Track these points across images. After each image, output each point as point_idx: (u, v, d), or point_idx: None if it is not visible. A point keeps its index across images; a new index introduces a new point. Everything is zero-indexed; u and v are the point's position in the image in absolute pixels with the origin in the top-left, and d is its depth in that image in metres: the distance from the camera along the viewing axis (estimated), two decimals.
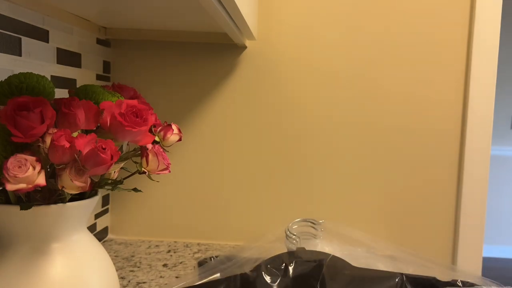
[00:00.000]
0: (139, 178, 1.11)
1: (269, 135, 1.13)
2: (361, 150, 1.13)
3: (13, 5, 0.74)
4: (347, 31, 1.11)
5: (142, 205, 1.17)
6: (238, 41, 1.07)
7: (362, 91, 1.11)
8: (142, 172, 0.58)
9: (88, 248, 0.56)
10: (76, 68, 0.96)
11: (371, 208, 1.12)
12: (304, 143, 1.13)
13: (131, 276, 0.93)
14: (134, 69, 1.14)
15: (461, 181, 1.11)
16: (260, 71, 1.12)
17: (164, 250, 1.09)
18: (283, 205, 1.14)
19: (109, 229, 1.18)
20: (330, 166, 1.13)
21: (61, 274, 0.51)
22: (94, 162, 0.49)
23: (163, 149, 0.60)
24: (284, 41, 1.12)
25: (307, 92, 1.12)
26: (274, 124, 1.13)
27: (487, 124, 1.10)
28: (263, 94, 1.13)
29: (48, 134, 0.49)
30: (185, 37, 1.10)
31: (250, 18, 0.92)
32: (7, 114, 0.48)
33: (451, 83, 1.11)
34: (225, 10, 0.75)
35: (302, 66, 1.12)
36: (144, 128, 0.55)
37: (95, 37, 1.06)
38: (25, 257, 0.51)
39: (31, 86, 0.54)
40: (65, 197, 0.52)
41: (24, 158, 0.47)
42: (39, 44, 0.82)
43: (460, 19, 1.09)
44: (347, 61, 1.11)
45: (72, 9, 0.90)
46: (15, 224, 0.51)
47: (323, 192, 1.13)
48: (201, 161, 1.15)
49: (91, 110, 0.54)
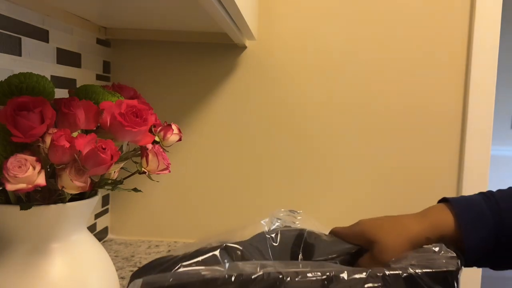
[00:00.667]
0: (139, 178, 1.11)
1: (269, 134, 1.13)
2: (361, 150, 1.12)
3: (13, 5, 0.74)
4: (347, 31, 1.11)
5: (142, 205, 1.17)
6: (238, 41, 1.07)
7: (362, 91, 1.11)
8: (142, 172, 0.58)
9: (88, 248, 0.56)
10: (76, 68, 0.96)
11: (371, 209, 1.12)
12: (304, 143, 1.13)
13: None
14: (134, 69, 1.14)
15: (461, 181, 1.11)
16: (260, 71, 1.12)
17: (164, 250, 1.09)
18: (283, 204, 1.14)
19: (109, 229, 1.18)
20: (331, 166, 1.13)
21: (61, 274, 0.51)
22: (94, 162, 0.48)
23: (163, 149, 0.60)
24: (284, 41, 1.12)
25: (306, 92, 1.12)
26: (274, 124, 1.13)
27: (487, 124, 1.10)
28: (263, 94, 1.13)
29: (48, 134, 0.49)
30: (185, 37, 1.10)
31: (250, 18, 0.92)
32: (7, 114, 0.48)
33: (451, 83, 1.11)
34: (225, 10, 0.75)
35: (302, 66, 1.12)
36: (144, 128, 0.55)
37: (95, 37, 1.06)
38: (25, 257, 0.51)
39: (31, 86, 0.54)
40: (65, 197, 0.52)
41: (24, 158, 0.47)
42: (39, 44, 0.82)
43: (460, 19, 1.09)
44: (347, 61, 1.11)
45: (72, 9, 0.90)
46: (15, 224, 0.51)
47: (324, 192, 1.13)
48: (201, 161, 1.15)
49: (91, 110, 0.54)
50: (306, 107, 1.12)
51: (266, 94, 1.13)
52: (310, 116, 1.12)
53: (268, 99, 1.13)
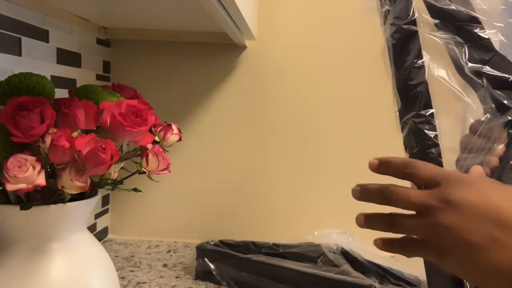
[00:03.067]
0: (139, 178, 1.11)
1: (269, 134, 1.13)
2: (361, 150, 1.12)
3: (13, 5, 0.74)
4: (347, 31, 1.11)
5: (142, 205, 1.17)
6: (238, 41, 1.07)
7: (362, 91, 1.11)
8: (142, 172, 0.58)
9: (88, 248, 0.56)
10: (76, 68, 0.96)
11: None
12: (304, 142, 1.13)
13: (131, 276, 0.93)
14: (134, 69, 1.14)
15: None
16: (260, 71, 1.12)
17: (164, 250, 1.09)
18: (283, 204, 1.14)
19: (109, 229, 1.18)
20: (333, 165, 1.13)
21: (61, 274, 0.51)
22: (94, 162, 0.49)
23: (163, 149, 0.60)
24: (284, 41, 1.12)
25: (306, 92, 1.12)
26: (274, 123, 1.13)
27: None
28: (263, 94, 1.13)
29: (48, 134, 0.49)
30: (185, 37, 1.10)
31: (250, 18, 0.92)
32: (7, 114, 0.48)
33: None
34: (225, 10, 0.75)
35: (302, 66, 1.12)
36: (144, 128, 0.55)
37: (95, 37, 1.06)
38: (25, 257, 0.51)
39: (31, 86, 0.54)
40: (65, 197, 0.52)
41: (24, 158, 0.47)
42: (39, 44, 0.82)
43: None
44: (347, 60, 1.11)
45: (72, 9, 0.90)
46: (15, 224, 0.51)
47: (325, 191, 1.13)
48: (201, 161, 1.15)
49: (91, 110, 0.54)
50: (306, 107, 1.12)
51: (266, 94, 1.13)
52: (310, 116, 1.12)
53: (268, 99, 1.13)
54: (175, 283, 0.90)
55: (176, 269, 0.97)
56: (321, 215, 1.13)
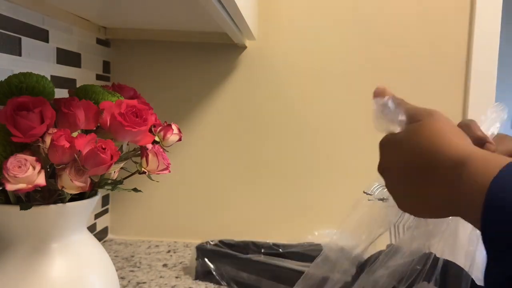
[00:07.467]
0: (139, 178, 1.11)
1: (269, 134, 1.13)
2: (361, 150, 1.12)
3: (13, 5, 0.74)
4: (347, 31, 1.11)
5: (142, 205, 1.17)
6: (238, 41, 1.07)
7: (362, 91, 1.11)
8: (142, 172, 0.58)
9: (88, 248, 0.56)
10: (76, 68, 0.96)
11: None
12: (303, 142, 1.13)
13: (131, 276, 0.93)
14: (134, 69, 1.14)
15: None
16: (260, 71, 1.12)
17: (164, 250, 1.09)
18: (283, 204, 1.14)
19: (109, 229, 1.18)
20: (333, 164, 1.13)
21: (61, 274, 0.51)
22: (94, 162, 0.49)
23: (163, 149, 0.60)
24: (284, 41, 1.12)
25: (306, 92, 1.12)
26: (274, 123, 1.13)
27: None
28: (263, 94, 1.13)
29: (48, 134, 0.49)
30: (185, 37, 1.10)
31: (250, 18, 0.92)
32: (7, 114, 0.48)
33: (451, 84, 1.11)
34: (225, 10, 0.75)
35: (302, 66, 1.12)
36: (144, 128, 0.55)
37: (95, 37, 1.06)
38: (25, 257, 0.51)
39: (31, 86, 0.54)
40: (65, 197, 0.52)
41: (24, 158, 0.47)
42: (39, 44, 0.82)
43: (460, 19, 1.09)
44: (347, 61, 1.11)
45: (72, 9, 0.90)
46: (15, 224, 0.51)
47: (326, 191, 1.13)
48: (201, 161, 1.15)
49: (91, 110, 0.54)
50: (306, 107, 1.12)
51: (266, 94, 1.13)
52: (310, 116, 1.12)
53: (268, 99, 1.13)
54: (175, 283, 0.90)
55: (176, 269, 0.97)
56: (321, 215, 1.13)
